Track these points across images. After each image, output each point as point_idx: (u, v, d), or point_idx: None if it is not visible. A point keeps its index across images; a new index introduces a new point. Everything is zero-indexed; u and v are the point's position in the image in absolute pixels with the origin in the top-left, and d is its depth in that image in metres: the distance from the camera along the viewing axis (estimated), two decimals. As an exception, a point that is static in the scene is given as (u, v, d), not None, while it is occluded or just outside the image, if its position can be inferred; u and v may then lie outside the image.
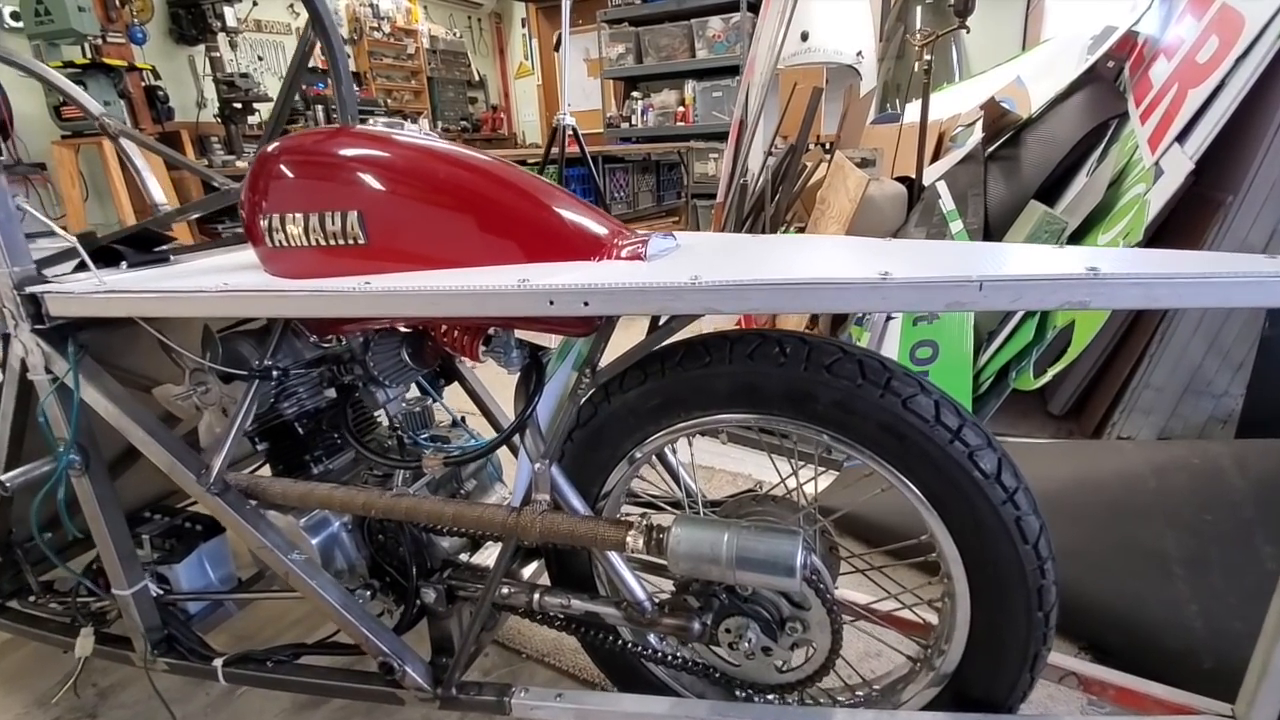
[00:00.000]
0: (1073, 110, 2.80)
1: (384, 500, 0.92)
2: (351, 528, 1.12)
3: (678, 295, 0.71)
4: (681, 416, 0.92)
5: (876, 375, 0.82)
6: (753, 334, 0.88)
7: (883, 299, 0.68)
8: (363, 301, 0.77)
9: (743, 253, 0.87)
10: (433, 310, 0.77)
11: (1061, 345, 2.06)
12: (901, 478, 0.84)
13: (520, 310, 0.75)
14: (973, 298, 0.66)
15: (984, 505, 0.81)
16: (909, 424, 0.81)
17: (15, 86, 4.30)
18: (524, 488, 0.91)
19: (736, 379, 0.87)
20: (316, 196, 0.90)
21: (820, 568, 0.88)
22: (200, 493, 0.97)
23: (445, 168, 0.87)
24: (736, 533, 0.79)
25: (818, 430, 0.86)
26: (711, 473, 2.10)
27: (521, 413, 0.92)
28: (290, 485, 0.98)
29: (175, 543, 1.18)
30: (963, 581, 0.88)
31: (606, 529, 0.82)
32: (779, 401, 0.86)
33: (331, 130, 0.93)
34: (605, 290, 0.72)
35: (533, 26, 9.47)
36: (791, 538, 0.78)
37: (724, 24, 5.84)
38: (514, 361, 0.94)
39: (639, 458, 0.99)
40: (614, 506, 1.04)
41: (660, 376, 0.91)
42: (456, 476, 1.21)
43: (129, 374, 1.14)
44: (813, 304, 0.69)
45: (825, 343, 0.86)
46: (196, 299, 0.82)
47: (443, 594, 1.02)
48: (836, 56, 3.86)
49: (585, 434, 0.98)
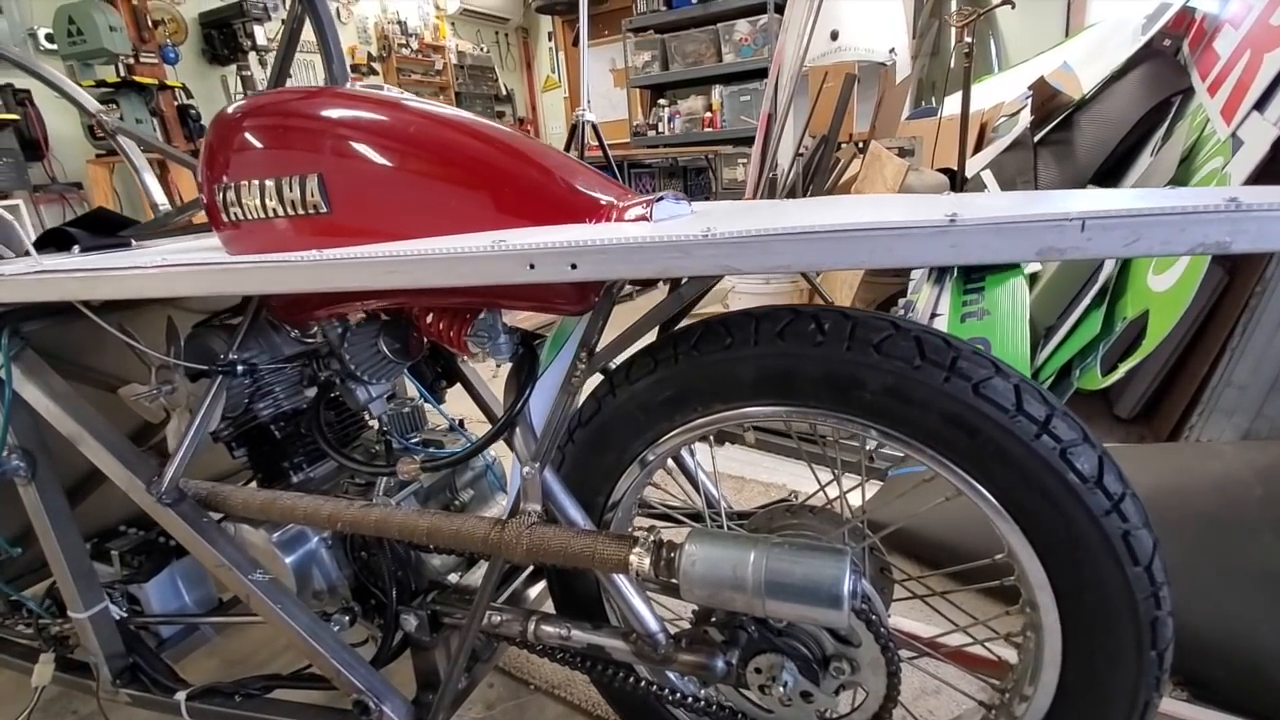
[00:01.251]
0: (1130, 89, 2.59)
1: (351, 512, 0.79)
2: (332, 544, 1.00)
3: (685, 252, 0.57)
4: (699, 411, 0.77)
5: (939, 355, 0.66)
6: (782, 309, 0.73)
7: (952, 247, 0.52)
8: (307, 272, 0.65)
9: (769, 212, 0.72)
10: (392, 279, 0.63)
11: (1131, 339, 1.85)
12: (972, 482, 0.68)
13: (495, 276, 0.61)
14: (1073, 241, 0.50)
15: (1081, 516, 0.64)
16: (982, 414, 0.64)
17: (51, 108, 4.39)
18: (514, 496, 0.76)
19: (764, 364, 0.72)
20: (272, 161, 0.78)
21: (872, 594, 0.72)
22: (149, 503, 0.85)
23: (413, 121, 0.74)
24: (766, 551, 0.63)
25: (865, 425, 0.70)
26: (741, 483, 1.93)
27: (510, 408, 0.78)
28: (252, 494, 0.86)
29: (144, 560, 1.07)
30: (1052, 612, 0.70)
31: (605, 546, 0.67)
32: (816, 390, 0.70)
33: (289, 90, 0.82)
34: (596, 249, 0.58)
35: (559, 39, 9.50)
36: (836, 558, 0.61)
37: (751, 27, 5.71)
38: (502, 350, 0.81)
39: (651, 461, 0.84)
40: (624, 519, 0.89)
41: (672, 364, 0.76)
42: (450, 486, 1.07)
43: (94, 373, 1.04)
44: (860, 256, 0.54)
45: (873, 317, 0.70)
46: (126, 277, 0.71)
47: (425, 621, 0.88)
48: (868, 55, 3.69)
49: (588, 434, 0.84)
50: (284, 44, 1.12)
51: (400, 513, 0.77)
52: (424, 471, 0.84)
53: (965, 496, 0.70)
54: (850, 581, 0.61)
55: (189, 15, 5.58)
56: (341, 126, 0.76)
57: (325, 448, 0.91)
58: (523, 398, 0.77)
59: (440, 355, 1.27)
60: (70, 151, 4.71)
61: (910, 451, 0.70)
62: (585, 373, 0.71)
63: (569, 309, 0.74)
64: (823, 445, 1.41)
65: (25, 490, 0.91)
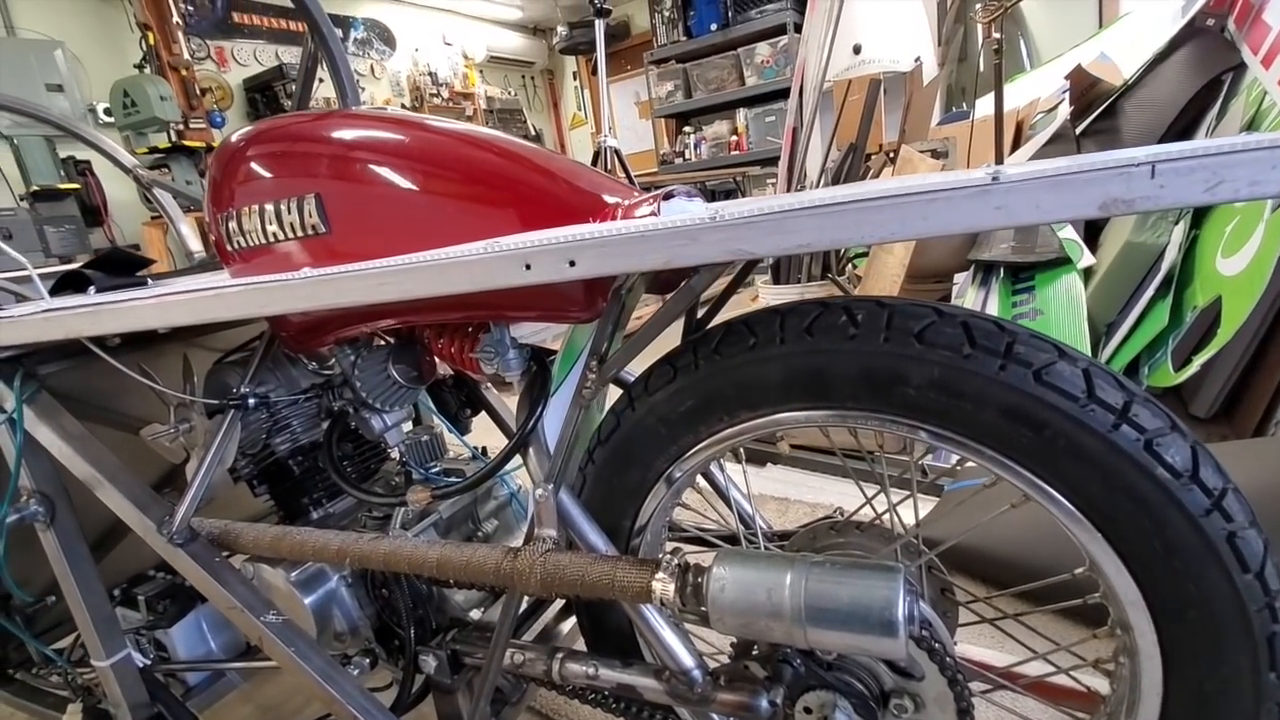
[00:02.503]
0: (1176, 70, 2.45)
1: (360, 545, 0.74)
2: (352, 582, 0.95)
3: (692, 238, 0.51)
4: (725, 420, 0.71)
5: (991, 340, 0.58)
6: (809, 303, 0.67)
7: (998, 209, 0.45)
8: (298, 290, 0.61)
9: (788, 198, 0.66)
10: (383, 292, 0.59)
11: (1204, 329, 1.70)
12: (1042, 484, 0.59)
13: (490, 280, 0.56)
14: (1142, 190, 0.43)
15: (1176, 518, 0.55)
16: (1048, 405, 0.56)
17: (109, 176, 4.66)
18: (529, 522, 0.71)
19: (793, 363, 0.65)
20: (269, 186, 0.76)
21: (933, 619, 0.64)
22: (161, 544, 0.82)
23: (405, 132, 0.71)
24: (805, 571, 0.55)
25: (912, 425, 0.63)
26: (785, 505, 1.83)
27: (522, 427, 0.73)
28: (262, 531, 0.82)
29: (169, 604, 1.04)
30: (1148, 633, 0.61)
31: (625, 572, 0.60)
32: (853, 389, 0.63)
33: (281, 115, 0.81)
34: (595, 243, 0.53)
35: (584, 78, 9.72)
36: (887, 576, 0.54)
37: (772, 49, 5.72)
38: (512, 366, 0.76)
39: (678, 479, 0.77)
40: (653, 544, 0.82)
41: (693, 370, 0.70)
42: (473, 517, 1.02)
43: (118, 415, 1.04)
44: (889, 226, 0.47)
45: (911, 304, 0.63)
46: (124, 310, 0.69)
47: (445, 661, 0.82)
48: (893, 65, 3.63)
49: (608, 452, 0.78)
50: (302, 77, 1.13)
51: (410, 544, 0.72)
52: (435, 500, 0.80)
53: (1034, 502, 0.61)
54: (905, 603, 0.53)
55: (234, 81, 5.90)
56: (334, 145, 0.73)
57: (335, 478, 0.88)
58: (534, 416, 0.72)
59: (464, 383, 1.23)
60: (127, 215, 4.98)
61: (966, 453, 0.62)
62: (597, 383, 0.65)
63: (579, 315, 0.69)
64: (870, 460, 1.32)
65: (44, 535, 0.90)
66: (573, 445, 0.68)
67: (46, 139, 4.33)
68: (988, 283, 2.26)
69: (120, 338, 0.93)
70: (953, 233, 0.47)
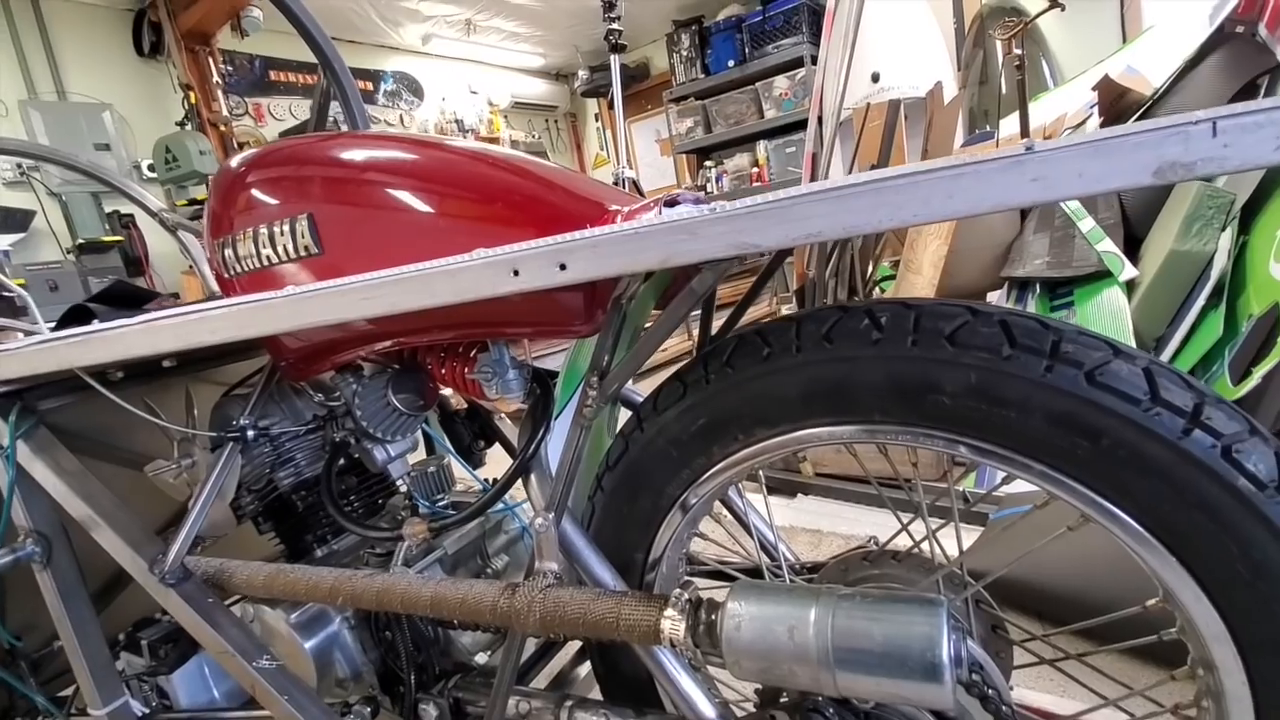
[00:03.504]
0: (1209, 76, 2.37)
1: (353, 583, 0.69)
2: (355, 624, 0.90)
3: (692, 232, 0.47)
4: (740, 440, 0.65)
5: (1034, 339, 0.52)
6: (828, 308, 0.61)
7: (1034, 181, 0.40)
8: (281, 309, 0.58)
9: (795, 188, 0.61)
10: (367, 307, 0.56)
11: (1262, 338, 1.59)
12: (1102, 502, 0.52)
13: (477, 289, 0.52)
14: (1203, 150, 0.38)
15: (1264, 537, 0.48)
16: (1105, 410, 0.49)
17: (150, 228, 4.83)
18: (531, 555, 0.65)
19: (812, 374, 0.60)
20: (263, 208, 0.74)
21: (984, 660, 0.56)
22: (152, 583, 0.79)
23: (397, 149, 0.69)
24: (832, 606, 0.49)
25: (949, 438, 0.56)
26: (818, 537, 1.74)
27: (523, 452, 0.68)
28: (255, 570, 0.78)
29: (171, 649, 1.00)
30: (1236, 672, 0.52)
31: (631, 609, 0.54)
32: (880, 400, 0.57)
33: (280, 140, 0.79)
34: (586, 243, 0.49)
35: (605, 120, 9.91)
36: (928, 610, 0.47)
37: (790, 81, 5.76)
38: (513, 387, 0.71)
39: (694, 506, 0.71)
40: (669, 578, 0.76)
41: (703, 386, 0.65)
42: (481, 552, 0.97)
43: (125, 452, 1.02)
44: (911, 208, 0.42)
45: (940, 303, 0.57)
46: (112, 337, 0.66)
47: (447, 710, 0.76)
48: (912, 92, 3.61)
49: (617, 479, 0.72)
50: (316, 106, 1.14)
51: (403, 582, 0.67)
52: (432, 533, 0.75)
53: (1094, 523, 0.54)
54: (950, 642, 0.46)
55: (270, 134, 6.13)
56: (326, 165, 0.72)
57: (331, 510, 0.84)
58: (535, 441, 0.67)
59: (477, 415, 1.19)
60: (167, 265, 5.15)
61: (1012, 469, 0.55)
62: (598, 400, 0.60)
63: (580, 329, 0.65)
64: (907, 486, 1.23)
65: (41, 577, 0.87)
66: (574, 470, 0.63)
67: (93, 195, 4.53)
68: (1023, 300, 2.17)
69: (123, 372, 0.92)
70: (981, 211, 0.41)
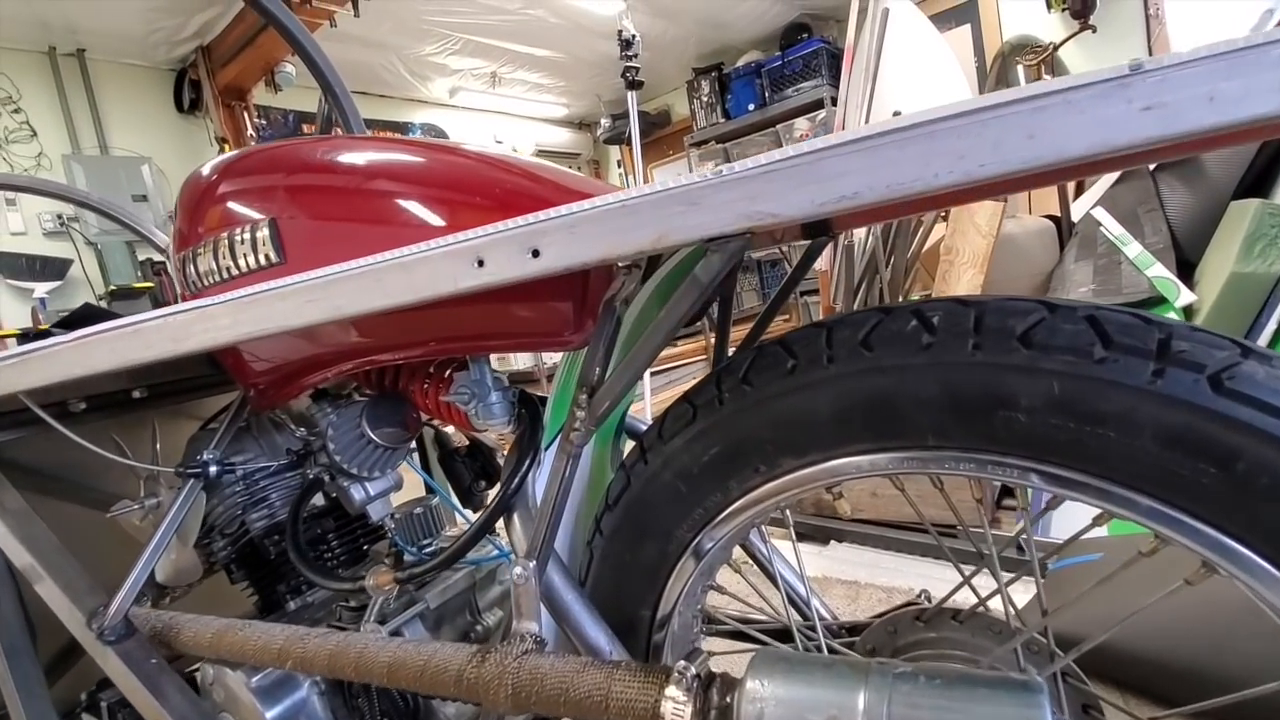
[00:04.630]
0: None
1: (305, 645, 0.59)
2: (326, 689, 0.79)
3: (690, 201, 0.37)
4: (761, 472, 0.54)
5: (1135, 336, 0.41)
6: (866, 311, 0.51)
7: (1147, 109, 0.30)
8: (219, 318, 0.50)
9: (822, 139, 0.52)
10: (315, 311, 0.47)
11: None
12: (1237, 548, 0.39)
13: (436, 284, 0.43)
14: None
15: None
16: (1239, 425, 0.38)
17: (182, 274, 4.93)
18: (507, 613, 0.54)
19: (848, 389, 0.49)
20: (225, 216, 0.67)
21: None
22: (89, 639, 0.69)
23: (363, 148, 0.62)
24: (887, 687, 0.36)
25: (1022, 467, 0.45)
26: (855, 589, 1.58)
27: (505, 486, 0.57)
28: (205, 626, 0.68)
29: (128, 712, 0.90)
30: None
31: (623, 684, 0.43)
32: (934, 418, 0.46)
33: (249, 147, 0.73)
34: (563, 223, 0.40)
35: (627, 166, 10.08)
36: (1022, 697, 0.34)
37: (810, 123, 5.77)
38: (495, 412, 0.62)
39: (709, 552, 0.60)
40: (681, 640, 0.64)
41: (716, 408, 0.54)
42: (471, 607, 0.86)
43: (91, 492, 0.94)
44: (980, 156, 0.32)
45: (1008, 299, 0.46)
46: (47, 356, 0.59)
47: (418, 801, 0.64)
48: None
49: (616, 519, 0.61)
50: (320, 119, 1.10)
51: (360, 644, 0.56)
52: (399, 584, 0.64)
53: (1220, 575, 0.42)
54: (1052, 742, 0.34)
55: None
56: (292, 168, 0.64)
57: (294, 557, 0.74)
58: (518, 475, 0.57)
59: (479, 452, 1.10)
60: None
61: (1111, 505, 0.43)
62: (586, 423, 0.50)
63: (571, 338, 0.55)
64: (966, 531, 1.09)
65: (-21, 631, 0.78)
66: (559, 508, 0.52)
67: (128, 244, 4.65)
68: (1069, 331, 2.02)
69: (85, 403, 0.84)
70: (1074, 156, 0.31)
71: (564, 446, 0.51)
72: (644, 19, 5.13)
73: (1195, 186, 2.14)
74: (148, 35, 4.37)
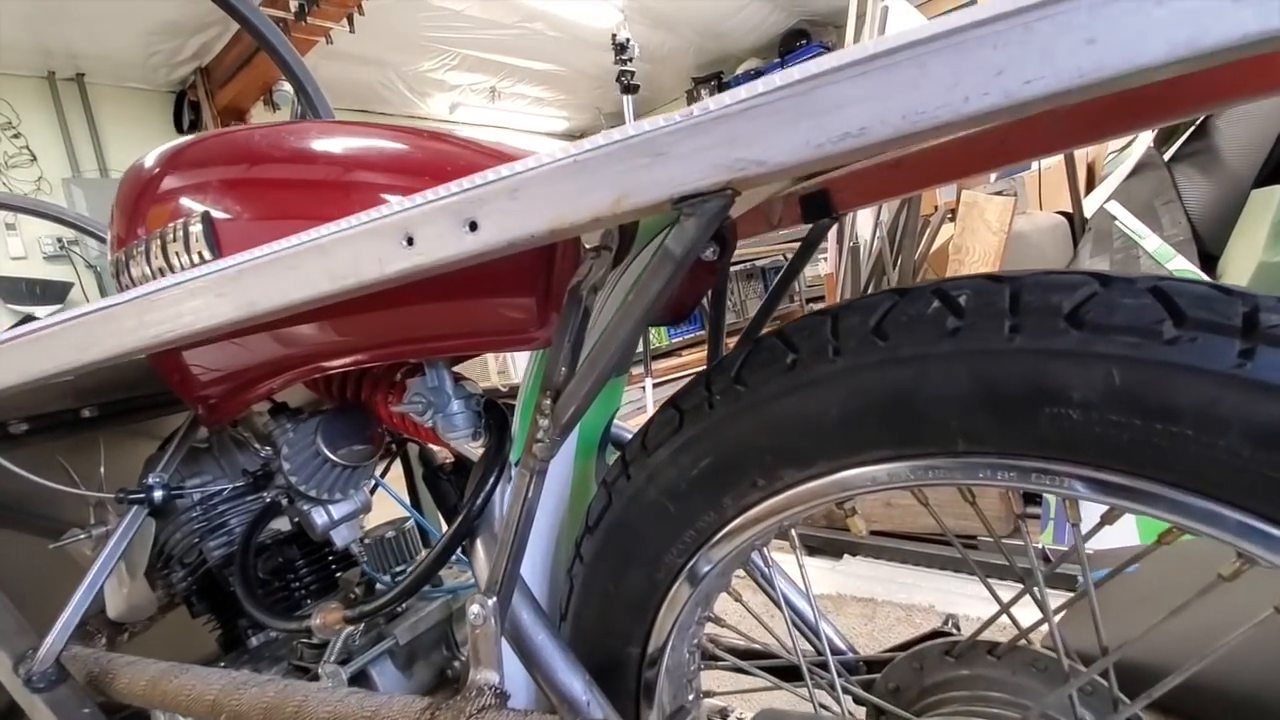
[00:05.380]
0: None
1: (240, 695, 0.51)
2: (287, 736, 0.71)
3: (656, 151, 0.30)
4: (760, 486, 0.46)
5: (1215, 310, 0.33)
6: (877, 296, 0.43)
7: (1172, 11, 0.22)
8: (123, 320, 0.43)
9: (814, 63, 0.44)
10: (223, 308, 0.40)
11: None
12: (1361, 574, 0.31)
13: (358, 268, 0.36)
14: None
15: None
16: (1361, 416, 0.30)
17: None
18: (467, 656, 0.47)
19: (859, 386, 0.41)
20: (159, 214, 0.60)
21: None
22: (15, 686, 0.61)
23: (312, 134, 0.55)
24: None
25: (1066, 475, 0.37)
26: (872, 608, 1.48)
27: (467, 507, 0.50)
28: (140, 670, 0.60)
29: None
30: None
31: (591, 757, 0.35)
32: (963, 418, 0.38)
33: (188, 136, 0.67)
34: (503, 187, 0.32)
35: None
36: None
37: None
38: (457, 424, 0.54)
39: (704, 577, 0.52)
40: (676, 682, 0.56)
41: (706, 412, 0.47)
42: (448, 641, 0.78)
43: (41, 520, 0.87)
44: (1025, 70, 0.25)
45: (1050, 273, 0.38)
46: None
47: None
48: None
49: (597, 543, 0.53)
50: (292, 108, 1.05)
51: (300, 695, 0.49)
52: (349, 624, 0.57)
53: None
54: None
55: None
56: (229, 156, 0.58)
57: (239, 588, 0.66)
58: (480, 493, 0.50)
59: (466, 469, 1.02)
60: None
61: (1186, 520, 0.35)
62: (551, 432, 0.43)
63: (536, 335, 0.48)
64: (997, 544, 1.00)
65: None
66: (522, 532, 0.45)
67: (128, 266, 4.64)
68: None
69: (28, 424, 0.77)
70: (1153, 61, 0.23)
71: (527, 461, 0.44)
72: (643, 30, 5.10)
73: (1213, 176, 2.05)
74: (147, 58, 4.37)
